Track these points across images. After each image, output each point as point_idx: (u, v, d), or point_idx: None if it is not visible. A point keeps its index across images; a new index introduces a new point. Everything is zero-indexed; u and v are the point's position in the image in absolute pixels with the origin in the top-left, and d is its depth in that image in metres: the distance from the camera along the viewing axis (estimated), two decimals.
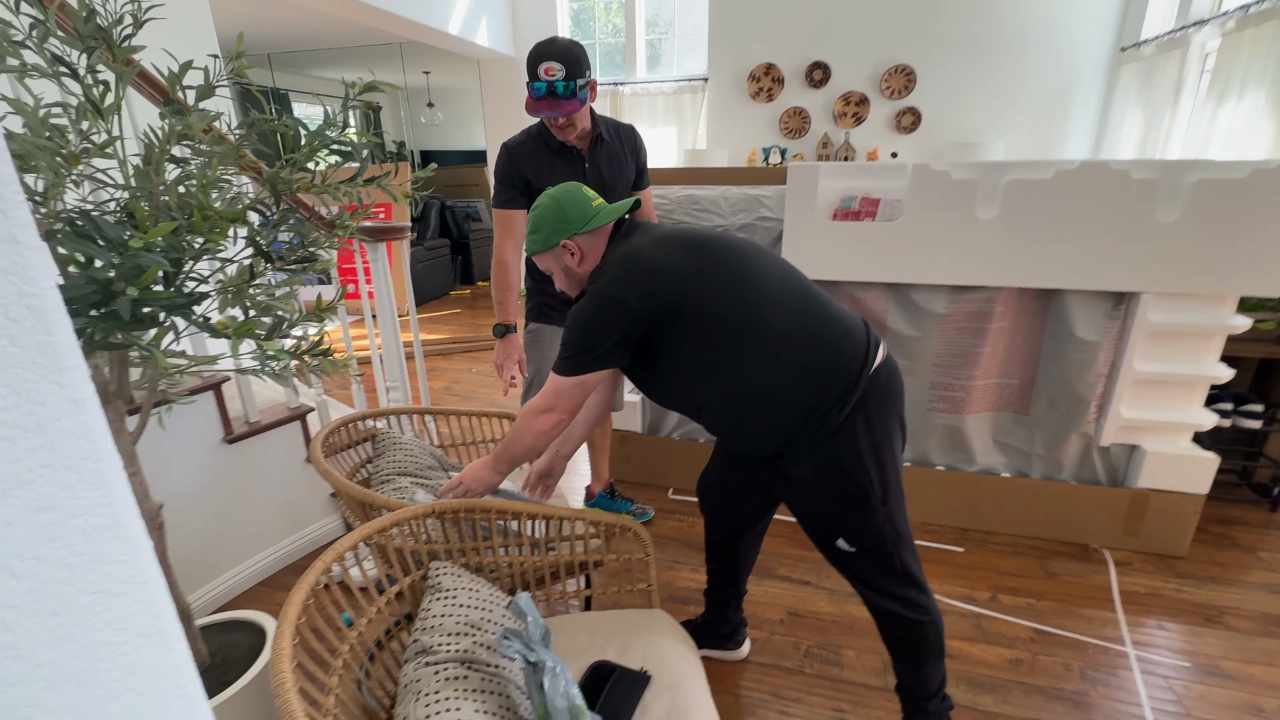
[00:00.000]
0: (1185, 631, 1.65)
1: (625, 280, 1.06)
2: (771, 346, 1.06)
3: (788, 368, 1.06)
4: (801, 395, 1.06)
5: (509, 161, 1.64)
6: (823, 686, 1.47)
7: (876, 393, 1.08)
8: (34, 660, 0.32)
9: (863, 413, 1.06)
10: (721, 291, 1.06)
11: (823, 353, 1.07)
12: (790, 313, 1.08)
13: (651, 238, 1.14)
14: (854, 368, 1.06)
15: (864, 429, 1.06)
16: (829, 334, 1.09)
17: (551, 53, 1.47)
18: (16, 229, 0.29)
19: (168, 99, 0.95)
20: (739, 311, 1.06)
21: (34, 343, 0.30)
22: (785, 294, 1.10)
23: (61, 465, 0.32)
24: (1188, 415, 1.87)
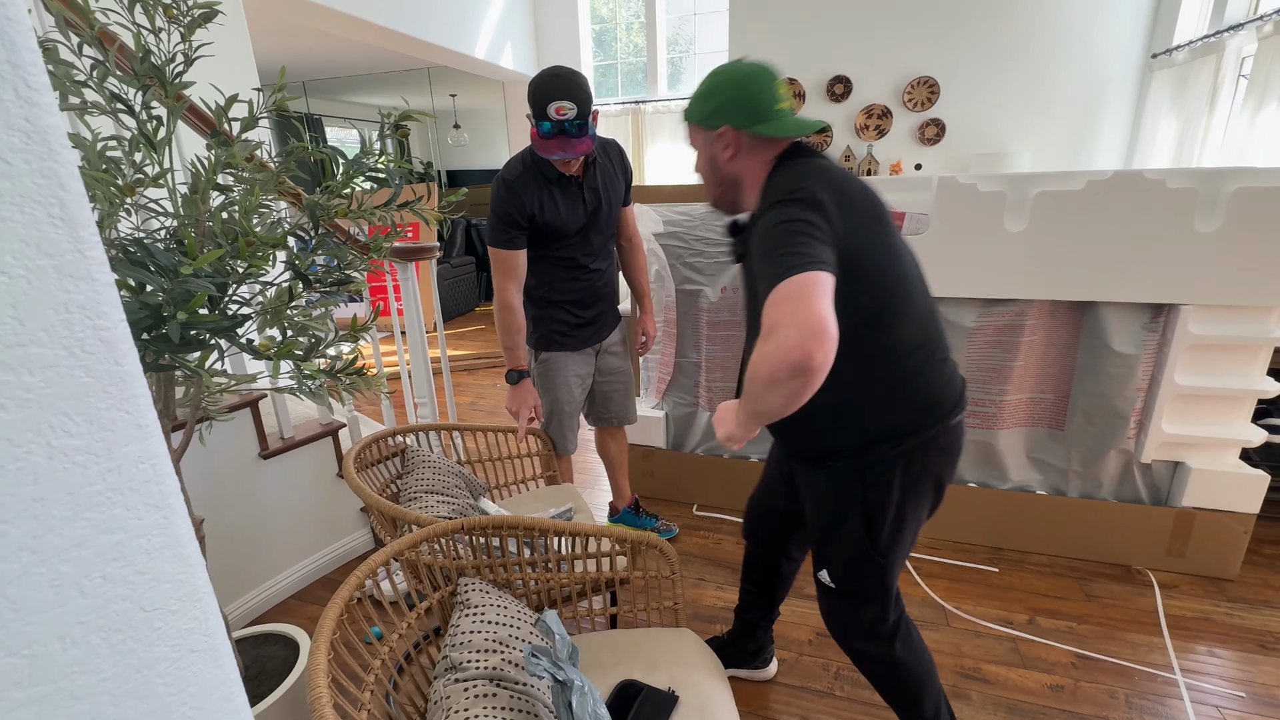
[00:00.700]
0: (1238, 659, 1.57)
1: (816, 187, 0.90)
2: (891, 352, 0.96)
3: (891, 380, 0.97)
4: (880, 415, 0.98)
5: (510, 198, 1.54)
6: (853, 710, 1.44)
7: (935, 447, 1.00)
8: (99, 675, 0.33)
9: (912, 460, 0.99)
10: (882, 268, 0.94)
11: (928, 383, 0.98)
12: (920, 327, 0.99)
13: (840, 171, 0.98)
14: (941, 413, 0.99)
15: (902, 476, 1.00)
16: (944, 368, 1.01)
17: (561, 91, 1.39)
18: (93, 267, 0.32)
19: (214, 130, 0.99)
20: (884, 302, 0.94)
21: (105, 373, 0.32)
22: (923, 307, 1.00)
23: (127, 488, 0.34)
24: (1234, 431, 1.80)
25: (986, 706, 1.44)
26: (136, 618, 0.35)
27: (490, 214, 1.59)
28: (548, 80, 1.42)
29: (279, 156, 1.12)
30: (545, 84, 1.42)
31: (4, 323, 0.28)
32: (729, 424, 0.95)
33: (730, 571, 1.97)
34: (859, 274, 0.89)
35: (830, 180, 0.94)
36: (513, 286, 1.62)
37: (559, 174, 1.57)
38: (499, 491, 1.89)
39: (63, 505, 0.31)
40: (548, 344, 1.78)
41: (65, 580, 0.32)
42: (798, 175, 0.95)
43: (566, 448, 1.90)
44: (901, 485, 1.01)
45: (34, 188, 0.29)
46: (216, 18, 1.00)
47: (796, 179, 0.94)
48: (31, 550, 0.30)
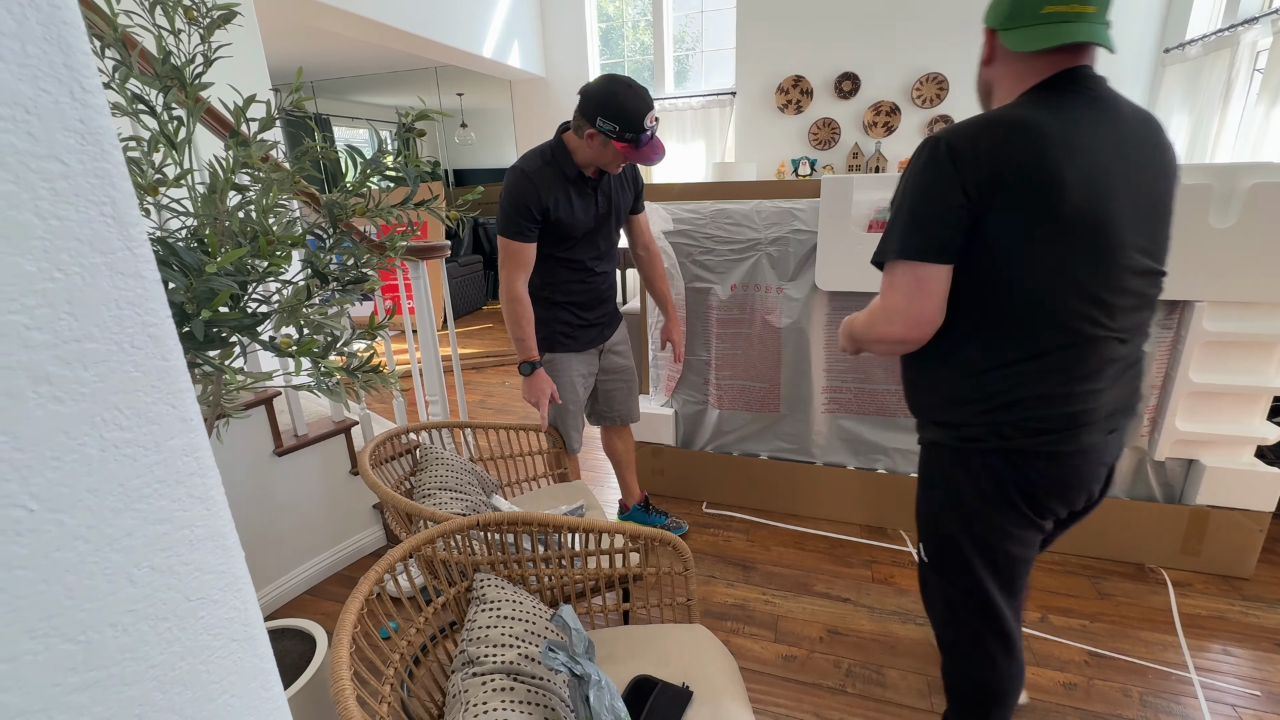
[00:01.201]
0: (1254, 657, 1.56)
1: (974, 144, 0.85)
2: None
3: (1049, 358, 0.90)
4: (1003, 390, 0.92)
5: (528, 190, 1.55)
6: (865, 707, 1.44)
7: (1003, 458, 0.94)
8: (147, 662, 0.34)
9: (969, 459, 0.97)
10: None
11: (1084, 374, 0.90)
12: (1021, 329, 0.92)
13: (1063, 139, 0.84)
14: (1074, 423, 0.91)
15: (962, 470, 0.98)
16: (1046, 379, 0.91)
17: (648, 103, 1.48)
18: (142, 265, 0.32)
19: (233, 131, 1.00)
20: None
21: (153, 368, 0.33)
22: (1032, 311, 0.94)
23: (173, 480, 0.35)
24: (1249, 429, 1.79)
25: None
26: (181, 607, 0.36)
27: (504, 204, 1.58)
28: (632, 98, 1.45)
29: (294, 156, 1.14)
30: (632, 100, 1.45)
31: (60, 319, 0.29)
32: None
33: (740, 569, 1.97)
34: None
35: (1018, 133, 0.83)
36: (521, 278, 1.63)
37: (577, 173, 1.59)
38: (510, 489, 1.90)
39: (114, 496, 0.32)
40: (551, 345, 1.79)
41: (116, 569, 0.32)
42: (997, 116, 0.85)
43: (572, 446, 1.91)
44: (962, 480, 0.99)
45: (88, 187, 0.30)
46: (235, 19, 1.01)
47: (990, 119, 0.85)
48: (86, 540, 0.31)
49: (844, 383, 2.14)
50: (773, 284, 2.10)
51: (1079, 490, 0.97)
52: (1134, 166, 0.88)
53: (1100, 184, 0.84)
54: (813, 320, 2.09)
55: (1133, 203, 0.87)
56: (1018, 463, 0.94)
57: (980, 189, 0.85)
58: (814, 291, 2.05)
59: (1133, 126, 0.89)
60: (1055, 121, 0.84)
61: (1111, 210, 0.85)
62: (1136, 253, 0.89)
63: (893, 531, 2.15)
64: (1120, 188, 0.86)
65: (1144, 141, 0.89)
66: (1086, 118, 0.86)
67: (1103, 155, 0.85)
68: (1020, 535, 1.00)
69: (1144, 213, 0.89)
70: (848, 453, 2.21)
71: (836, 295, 2.04)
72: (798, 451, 2.27)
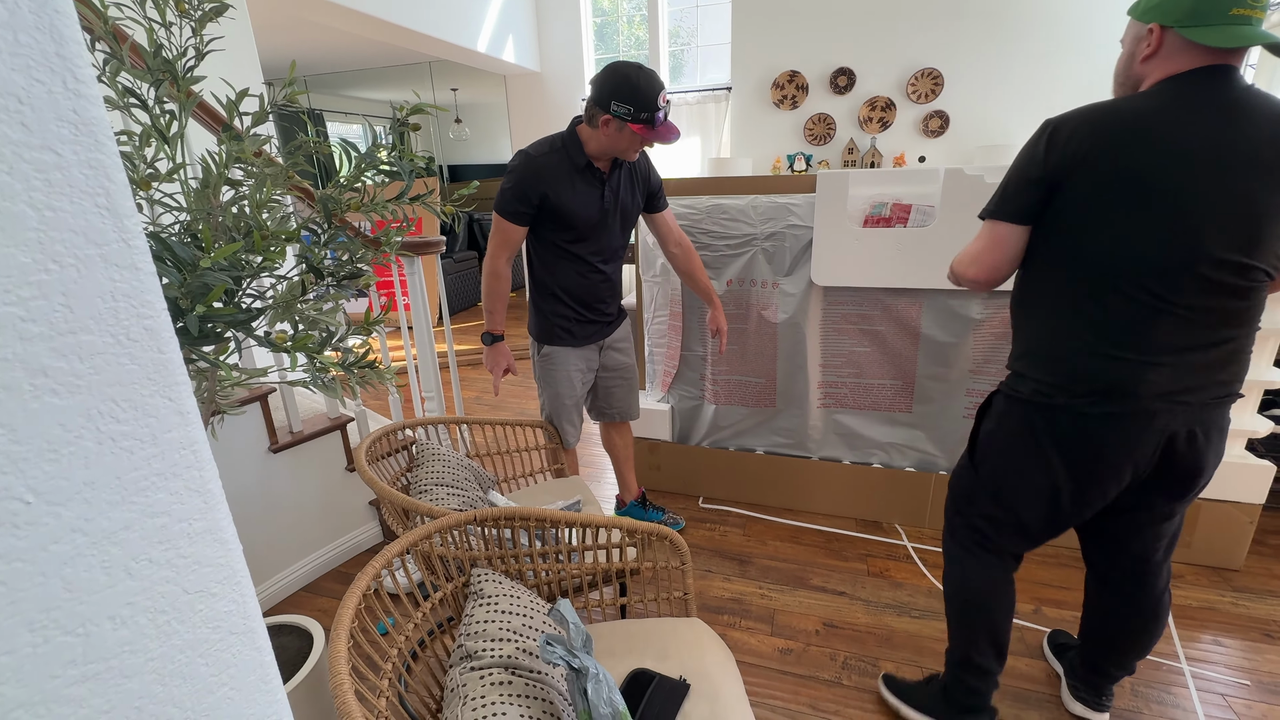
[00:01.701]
0: (1244, 647, 1.58)
1: (1094, 135, 0.98)
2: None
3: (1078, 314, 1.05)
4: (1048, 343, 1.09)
5: (532, 175, 1.56)
6: (862, 699, 1.45)
7: (1037, 411, 1.10)
8: (146, 654, 0.34)
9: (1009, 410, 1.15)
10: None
11: (1115, 343, 1.01)
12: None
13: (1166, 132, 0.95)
14: (1095, 386, 1.03)
15: (1009, 424, 1.16)
16: (1080, 339, 1.05)
17: (659, 82, 1.50)
18: (137, 257, 0.32)
19: (225, 125, 1.00)
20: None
21: (150, 360, 0.33)
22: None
23: (170, 473, 0.35)
24: (1240, 421, 1.80)
25: (994, 695, 1.45)
26: (180, 600, 0.36)
27: (504, 182, 1.61)
28: (642, 74, 1.49)
29: (288, 151, 1.13)
30: (644, 79, 1.48)
31: (56, 310, 0.29)
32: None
33: (737, 563, 1.98)
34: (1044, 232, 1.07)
35: (1130, 121, 0.96)
36: (505, 255, 1.68)
37: (586, 163, 1.59)
38: (507, 484, 1.90)
39: (111, 489, 0.32)
40: (550, 337, 1.79)
41: (114, 562, 0.32)
42: (1131, 104, 0.98)
43: (568, 441, 1.91)
44: (1010, 431, 1.16)
45: (82, 179, 0.30)
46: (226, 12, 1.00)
47: (1113, 104, 0.99)
48: (83, 533, 0.31)
49: (840, 378, 2.15)
50: (769, 279, 2.11)
51: (1113, 456, 1.06)
52: (1242, 163, 0.93)
53: (1184, 176, 0.94)
54: (809, 315, 2.10)
55: (1228, 197, 0.94)
56: (1054, 418, 1.09)
57: (1059, 170, 1.00)
58: (810, 287, 2.05)
59: (1262, 128, 0.94)
60: (1164, 115, 0.95)
61: (1189, 200, 0.94)
62: (1218, 244, 0.95)
63: (888, 525, 2.16)
64: (1210, 182, 0.94)
65: (1267, 143, 0.93)
66: (1203, 115, 0.94)
67: (1202, 150, 0.93)
68: (1042, 485, 1.13)
69: (1239, 210, 0.95)
70: (843, 447, 2.22)
71: (832, 290, 2.05)
72: (794, 446, 2.27)
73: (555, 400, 1.84)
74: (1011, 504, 1.18)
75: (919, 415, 2.10)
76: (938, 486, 2.09)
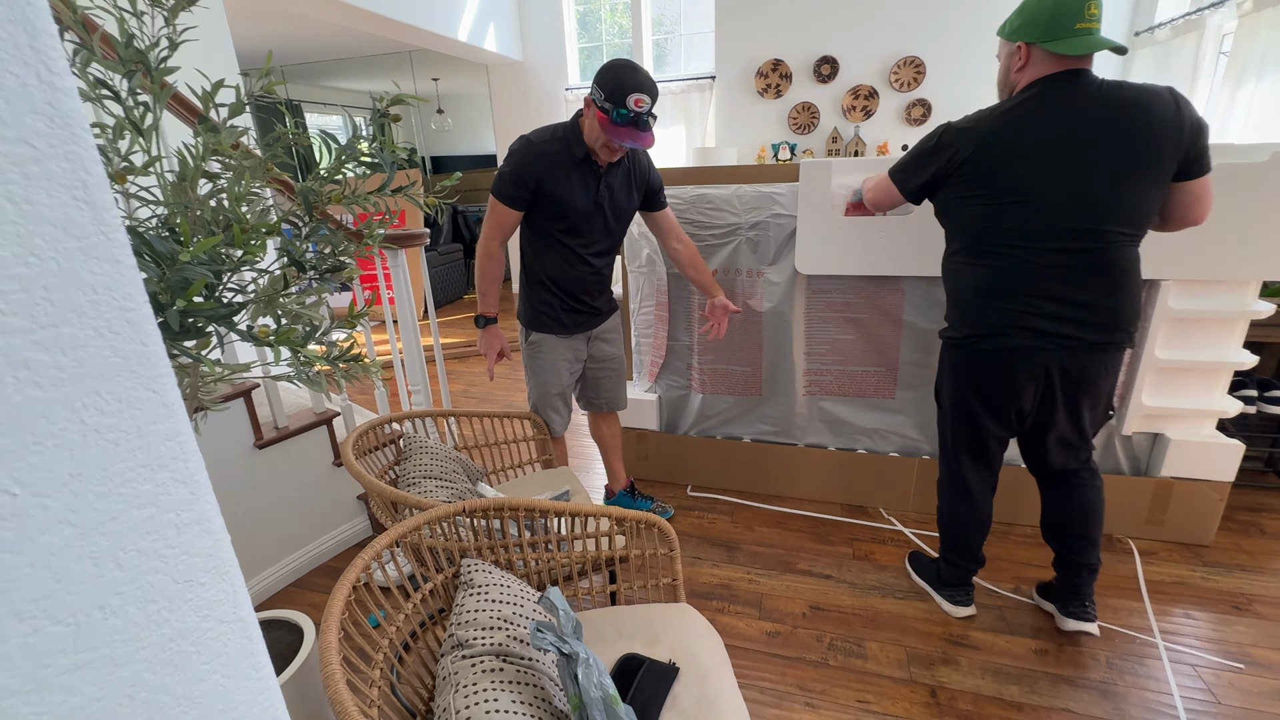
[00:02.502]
0: (1214, 620, 1.64)
1: (970, 131, 1.32)
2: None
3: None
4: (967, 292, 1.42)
5: (531, 161, 1.58)
6: (847, 679, 1.49)
7: (983, 365, 1.42)
8: (137, 643, 0.35)
9: (956, 360, 1.48)
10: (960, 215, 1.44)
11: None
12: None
13: (1031, 120, 1.26)
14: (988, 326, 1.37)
15: (944, 362, 1.52)
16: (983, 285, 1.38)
17: (641, 85, 1.46)
18: (117, 250, 0.32)
19: (201, 117, 0.98)
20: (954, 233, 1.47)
21: (132, 352, 0.33)
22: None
23: (156, 465, 0.35)
24: (1211, 402, 1.85)
25: (974, 671, 1.49)
26: (170, 589, 0.36)
27: (504, 165, 1.62)
28: (628, 71, 1.47)
29: (266, 142, 1.11)
30: (626, 74, 1.46)
31: (37, 304, 0.29)
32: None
33: (725, 550, 2.01)
34: (946, 208, 1.43)
35: (996, 129, 1.28)
36: (499, 238, 1.68)
37: (585, 156, 1.59)
38: (496, 476, 1.90)
39: (97, 481, 0.32)
40: (537, 324, 1.79)
41: (102, 553, 0.33)
42: (1001, 111, 1.28)
43: (555, 430, 1.92)
44: (949, 371, 1.52)
45: (59, 171, 0.30)
46: (199, 1, 0.98)
47: (991, 112, 1.30)
48: (70, 524, 0.31)
49: (824, 365, 2.17)
50: (753, 268, 2.12)
51: (1011, 386, 1.39)
52: (1082, 146, 1.23)
53: (1027, 167, 1.26)
54: (793, 304, 2.12)
55: (1067, 179, 1.24)
56: (971, 358, 1.44)
57: (941, 172, 1.36)
58: (794, 275, 2.07)
59: (1108, 110, 1.21)
60: (1022, 119, 1.26)
61: (1033, 184, 1.27)
62: (1064, 216, 1.26)
63: (873, 510, 2.20)
64: (1048, 169, 1.25)
65: (1114, 120, 1.21)
66: (1062, 107, 1.23)
67: (1052, 141, 1.24)
68: (976, 413, 1.48)
69: (1080, 188, 1.24)
70: (829, 434, 2.25)
71: (816, 279, 2.07)
72: (780, 434, 2.30)
73: (542, 388, 1.85)
74: (957, 424, 1.53)
75: (902, 401, 2.13)
76: (921, 471, 2.12)
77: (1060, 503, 1.55)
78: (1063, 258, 1.27)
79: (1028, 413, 1.43)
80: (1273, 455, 2.29)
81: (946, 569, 1.69)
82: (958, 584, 1.68)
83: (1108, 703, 1.39)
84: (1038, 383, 1.37)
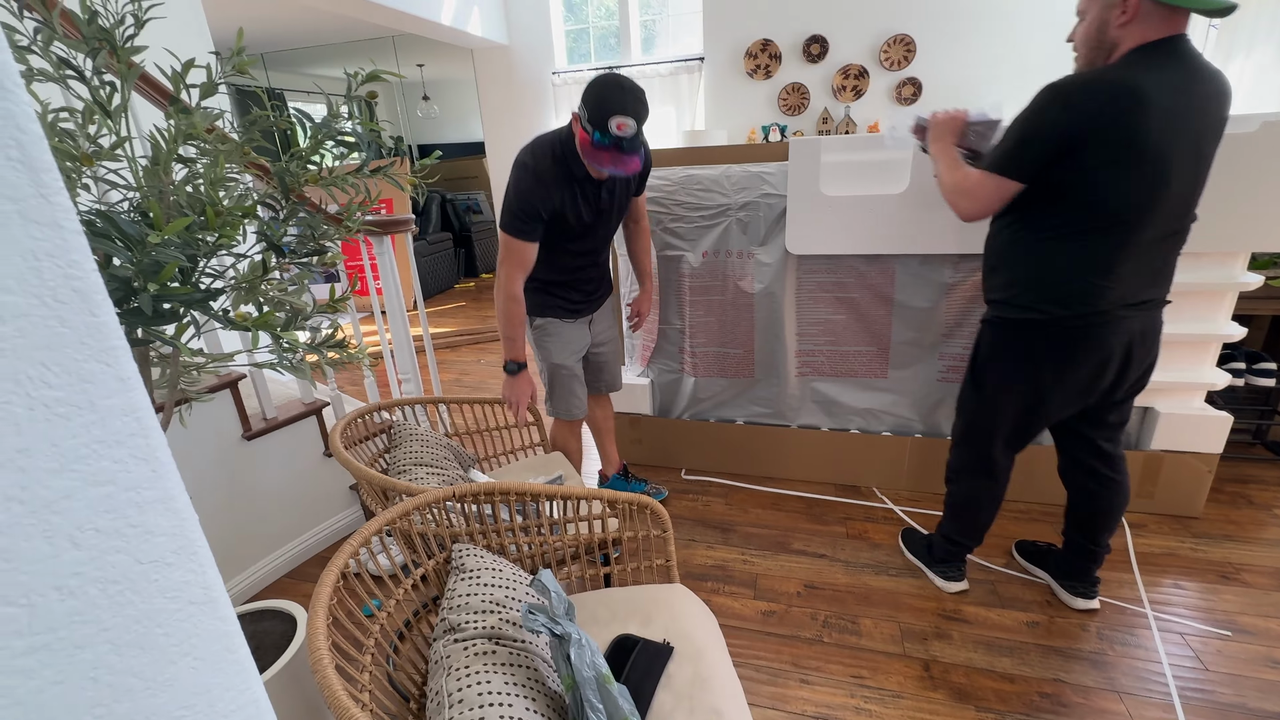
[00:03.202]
0: (1202, 589, 1.66)
1: (1083, 103, 1.15)
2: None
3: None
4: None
5: (538, 190, 1.49)
6: (841, 655, 1.50)
7: (1052, 334, 1.32)
8: (98, 625, 0.33)
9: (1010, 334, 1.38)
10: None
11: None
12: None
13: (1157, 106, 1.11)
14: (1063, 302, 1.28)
15: (1015, 349, 1.38)
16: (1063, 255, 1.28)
17: (624, 107, 1.34)
18: (59, 214, 0.31)
19: (172, 98, 0.95)
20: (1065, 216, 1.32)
21: (81, 323, 0.32)
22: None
23: (113, 441, 0.34)
24: (1200, 375, 1.86)
25: (967, 644, 1.51)
26: (133, 570, 0.35)
27: (511, 200, 1.51)
28: (613, 90, 1.35)
29: (243, 125, 1.09)
30: (609, 93, 1.35)
31: None
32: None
33: (719, 531, 2.01)
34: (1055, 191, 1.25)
35: (1134, 92, 1.10)
36: (520, 277, 1.58)
37: (585, 174, 1.52)
38: (487, 463, 1.89)
39: (48, 457, 0.31)
40: (542, 311, 1.76)
41: (57, 532, 0.31)
42: (1109, 78, 1.13)
43: (575, 411, 1.86)
44: (1000, 350, 1.43)
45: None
46: None
47: (1116, 75, 1.12)
48: (20, 501, 0.30)
49: (816, 346, 2.16)
50: (744, 249, 2.10)
51: (1102, 361, 1.32)
52: (1199, 123, 1.16)
53: (1167, 140, 1.13)
54: (784, 285, 2.11)
55: (1190, 155, 1.17)
56: (1057, 338, 1.32)
57: (1069, 136, 1.15)
58: (785, 256, 2.06)
59: (1208, 88, 1.15)
60: (1152, 84, 1.11)
61: (1169, 160, 1.15)
62: (1180, 193, 1.20)
63: (866, 489, 2.20)
64: (1183, 143, 1.15)
65: (1211, 100, 1.16)
66: (1177, 79, 1.12)
67: (1179, 116, 1.12)
68: (1044, 397, 1.39)
69: (1194, 165, 1.19)
70: (821, 415, 2.25)
71: (807, 259, 2.05)
72: (773, 415, 2.30)
73: (555, 371, 1.80)
74: (1007, 409, 1.44)
75: (894, 380, 2.13)
76: (914, 450, 2.13)
77: (1096, 500, 1.52)
78: (1164, 243, 1.25)
79: (1105, 388, 1.37)
80: (1260, 427, 2.32)
81: (942, 546, 1.69)
82: (951, 560, 1.69)
83: (1098, 672, 1.41)
84: (1124, 352, 1.32)
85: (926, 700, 1.36)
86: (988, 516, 1.60)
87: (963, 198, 1.33)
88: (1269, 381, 2.12)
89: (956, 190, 1.34)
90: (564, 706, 0.92)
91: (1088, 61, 1.23)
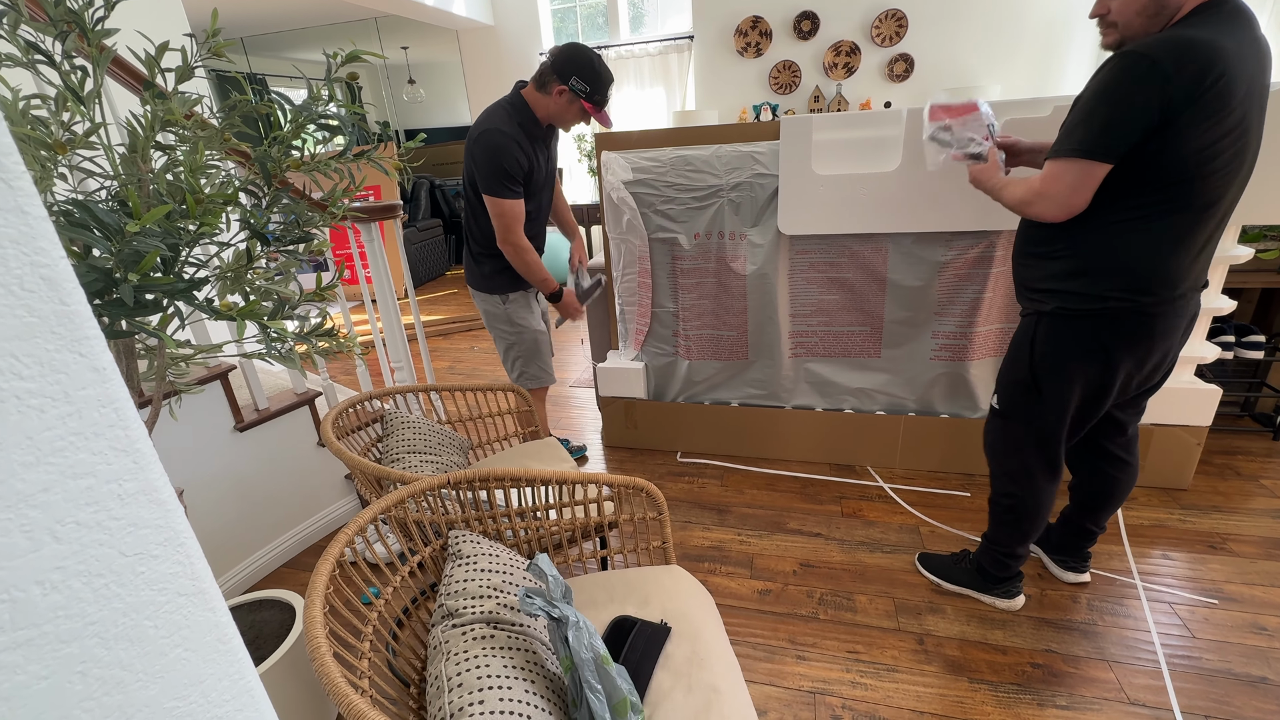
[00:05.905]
0: (1189, 559, 1.69)
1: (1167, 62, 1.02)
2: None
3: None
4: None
5: (515, 151, 1.69)
6: (837, 631, 1.52)
7: (1128, 322, 1.21)
8: (84, 619, 0.33)
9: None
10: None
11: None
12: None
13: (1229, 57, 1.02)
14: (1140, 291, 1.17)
15: (1068, 337, 1.26)
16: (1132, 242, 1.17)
17: (613, 75, 1.72)
18: (22, 199, 0.30)
19: (147, 83, 0.93)
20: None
21: (51, 312, 0.31)
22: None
23: (90, 433, 0.33)
24: (1190, 349, 1.87)
25: (960, 618, 1.53)
26: (117, 563, 0.34)
27: (492, 166, 1.68)
28: (599, 61, 1.68)
29: (223, 110, 1.06)
30: (604, 67, 1.69)
31: None
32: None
33: (715, 513, 2.03)
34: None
35: (1221, 56, 1.00)
36: (519, 229, 1.79)
37: (542, 131, 1.77)
38: (480, 450, 1.89)
39: (22, 450, 0.30)
40: (512, 285, 1.95)
41: (36, 526, 0.31)
42: (1200, 39, 1.01)
43: (545, 378, 2.09)
44: (1069, 343, 1.28)
45: None
46: None
47: (1201, 37, 1.01)
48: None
49: (810, 326, 2.16)
50: (736, 230, 2.09)
51: (1167, 342, 1.24)
52: (1263, 85, 1.09)
53: (1250, 105, 1.06)
54: (777, 266, 2.10)
55: (1259, 119, 1.10)
56: (1133, 324, 1.21)
57: (1172, 106, 1.02)
58: (777, 236, 2.04)
59: (1262, 49, 1.08)
60: (1233, 46, 1.02)
61: (1252, 126, 1.08)
62: (1251, 159, 1.12)
63: (860, 468, 2.22)
64: (1257, 109, 1.09)
65: (1265, 60, 1.09)
66: (1244, 38, 1.04)
67: (1255, 79, 1.05)
68: (1111, 385, 1.29)
69: (1259, 131, 1.11)
70: (815, 395, 2.25)
71: (799, 239, 2.04)
72: (767, 397, 2.30)
73: (533, 339, 2.02)
74: (1072, 405, 1.33)
75: (888, 360, 2.13)
76: (907, 428, 2.14)
77: (1109, 483, 1.50)
78: (1228, 206, 1.15)
79: (1164, 372, 1.33)
80: (1249, 399, 2.34)
81: (1000, 563, 1.52)
82: (1010, 575, 1.53)
83: (1089, 642, 1.44)
84: (1181, 336, 1.27)
85: (920, 673, 1.39)
86: (1048, 513, 1.49)
87: (1042, 201, 1.17)
88: (1257, 354, 2.14)
89: (1032, 197, 1.19)
90: (563, 688, 0.93)
91: (1143, 29, 1.12)
